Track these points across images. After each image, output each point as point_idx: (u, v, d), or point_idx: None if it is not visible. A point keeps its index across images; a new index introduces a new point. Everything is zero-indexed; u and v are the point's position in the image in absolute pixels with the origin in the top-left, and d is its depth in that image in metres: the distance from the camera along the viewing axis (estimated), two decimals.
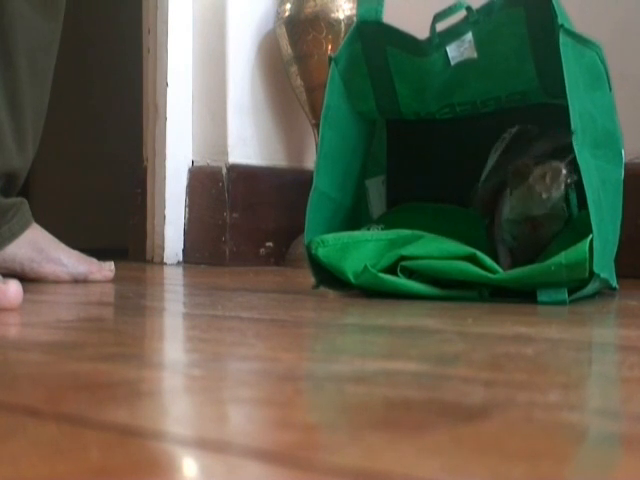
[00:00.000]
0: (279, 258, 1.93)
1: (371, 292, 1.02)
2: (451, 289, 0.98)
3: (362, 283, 1.01)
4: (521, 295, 0.95)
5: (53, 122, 1.52)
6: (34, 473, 0.30)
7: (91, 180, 2.99)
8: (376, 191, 1.25)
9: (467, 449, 0.34)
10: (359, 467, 0.31)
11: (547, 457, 0.33)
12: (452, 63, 1.10)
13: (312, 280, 1.08)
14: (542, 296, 0.93)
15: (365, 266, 0.99)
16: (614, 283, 1.01)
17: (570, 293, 0.93)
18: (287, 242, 1.93)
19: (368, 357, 0.59)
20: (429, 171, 1.26)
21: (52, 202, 2.89)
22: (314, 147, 1.93)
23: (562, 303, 0.92)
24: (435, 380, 0.49)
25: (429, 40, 1.10)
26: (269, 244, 1.94)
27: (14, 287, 0.84)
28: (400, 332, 0.72)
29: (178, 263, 1.95)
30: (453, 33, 1.09)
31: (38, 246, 1.31)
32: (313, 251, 1.05)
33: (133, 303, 1.03)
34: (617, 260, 1.04)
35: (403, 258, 1.00)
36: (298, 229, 1.85)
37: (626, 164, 1.07)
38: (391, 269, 1.00)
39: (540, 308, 0.90)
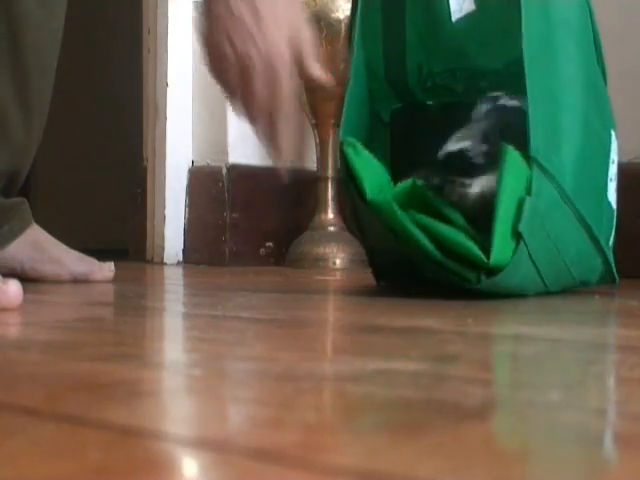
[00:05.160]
0: (279, 258, 1.93)
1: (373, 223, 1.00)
2: (452, 261, 0.95)
3: (376, 202, 0.98)
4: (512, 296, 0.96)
5: (53, 122, 1.52)
6: (34, 473, 0.30)
7: (91, 180, 2.99)
8: None
9: (467, 449, 0.34)
10: (359, 467, 0.31)
11: (547, 457, 0.33)
12: (453, 19, 1.10)
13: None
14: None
15: (384, 188, 0.98)
16: (613, 268, 1.02)
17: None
18: (287, 242, 1.93)
19: (368, 357, 0.59)
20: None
21: (52, 202, 2.89)
22: (314, 147, 1.93)
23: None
24: (435, 380, 0.49)
25: None
26: (269, 244, 1.94)
27: (14, 287, 0.84)
28: (400, 332, 0.72)
29: (178, 263, 1.95)
30: None
31: (38, 246, 1.31)
32: (344, 149, 1.03)
33: (133, 303, 1.03)
34: (617, 259, 1.04)
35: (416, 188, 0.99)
36: (298, 229, 1.85)
37: (626, 164, 1.07)
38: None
39: (540, 308, 0.90)
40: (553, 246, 0.97)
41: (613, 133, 1.05)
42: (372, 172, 1.03)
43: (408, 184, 0.99)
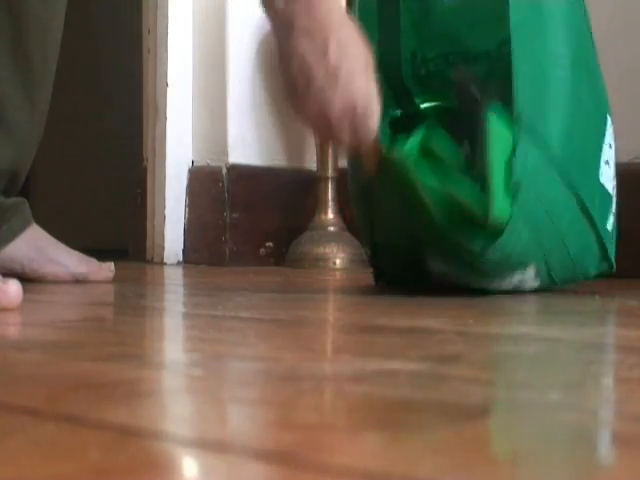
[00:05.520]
0: (279, 258, 1.93)
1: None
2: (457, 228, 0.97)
3: (389, 159, 0.99)
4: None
5: (53, 122, 1.52)
6: (34, 473, 0.30)
7: (91, 180, 2.99)
8: None
9: (467, 449, 0.34)
10: (359, 467, 0.31)
11: (546, 457, 0.33)
12: None
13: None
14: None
15: (397, 143, 1.00)
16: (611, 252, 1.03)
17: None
18: (287, 242, 1.93)
19: (368, 357, 0.59)
20: None
21: (52, 202, 2.89)
22: (314, 147, 1.93)
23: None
24: (435, 380, 0.49)
25: None
26: (269, 244, 1.94)
27: (14, 287, 0.84)
28: (400, 332, 0.72)
29: (178, 263, 1.95)
30: None
31: (38, 246, 1.31)
32: None
33: (133, 303, 1.03)
34: (617, 259, 1.04)
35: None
36: (298, 229, 1.85)
37: (626, 164, 1.07)
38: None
39: (540, 308, 0.91)
40: (544, 212, 0.97)
41: (609, 117, 1.05)
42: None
43: (417, 141, 1.00)
